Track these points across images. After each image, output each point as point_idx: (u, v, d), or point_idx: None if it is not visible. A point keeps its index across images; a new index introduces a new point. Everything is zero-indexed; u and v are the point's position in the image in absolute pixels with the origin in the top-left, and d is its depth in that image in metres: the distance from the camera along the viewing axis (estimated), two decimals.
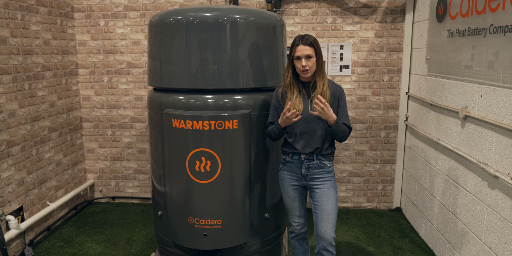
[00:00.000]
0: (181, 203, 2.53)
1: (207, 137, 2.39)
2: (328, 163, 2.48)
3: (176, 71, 2.57)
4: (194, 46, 2.53)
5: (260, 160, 2.66)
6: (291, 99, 2.40)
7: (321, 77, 2.39)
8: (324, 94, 2.39)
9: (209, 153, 2.40)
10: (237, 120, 2.41)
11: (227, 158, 2.43)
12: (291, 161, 2.47)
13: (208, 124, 2.36)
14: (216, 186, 2.45)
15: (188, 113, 2.41)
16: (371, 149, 4.03)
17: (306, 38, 2.34)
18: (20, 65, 3.18)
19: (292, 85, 2.41)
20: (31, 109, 3.32)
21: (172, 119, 2.43)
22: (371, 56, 3.84)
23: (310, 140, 2.42)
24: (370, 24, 3.78)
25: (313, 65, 2.34)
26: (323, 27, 3.81)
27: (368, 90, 3.91)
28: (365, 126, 3.98)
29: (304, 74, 2.35)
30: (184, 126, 2.39)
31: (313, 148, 2.42)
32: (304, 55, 2.31)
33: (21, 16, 3.17)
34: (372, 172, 4.07)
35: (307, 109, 2.38)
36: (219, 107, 2.51)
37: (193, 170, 2.42)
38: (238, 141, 2.45)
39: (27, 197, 3.30)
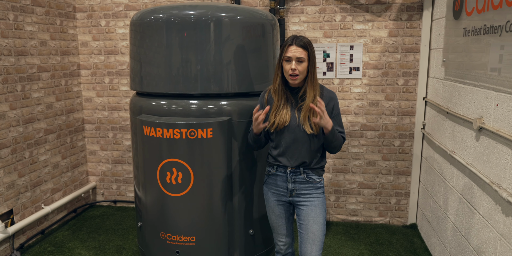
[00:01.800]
0: (153, 217, 2.35)
1: (178, 147, 2.19)
2: (317, 178, 2.22)
3: (154, 74, 2.39)
4: (175, 47, 2.35)
5: (243, 172, 2.43)
6: (278, 107, 2.15)
7: (312, 86, 2.13)
8: (316, 101, 2.13)
9: (180, 164, 2.20)
10: (212, 129, 2.19)
11: (200, 169, 2.22)
12: (276, 174, 2.22)
13: (179, 133, 2.16)
14: (189, 200, 2.25)
15: (160, 120, 2.22)
16: (383, 159, 3.68)
17: (300, 39, 2.09)
18: (12, 66, 3.12)
19: (281, 91, 2.16)
20: (24, 111, 3.27)
21: (143, 126, 2.26)
22: (384, 57, 3.50)
23: (297, 152, 2.17)
24: (383, 22, 3.44)
25: (303, 71, 2.09)
26: (331, 26, 3.51)
27: (380, 94, 3.57)
28: (377, 133, 3.64)
29: (292, 79, 2.10)
30: (154, 134, 2.21)
31: (300, 161, 2.17)
32: (295, 57, 2.06)
33: (14, 16, 3.12)
34: (385, 184, 3.73)
35: (294, 119, 2.14)
36: (195, 114, 2.31)
37: (164, 181, 2.24)
38: (214, 151, 2.24)
39: (18, 200, 3.25)
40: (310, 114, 2.12)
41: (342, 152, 3.72)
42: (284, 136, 2.16)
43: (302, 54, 2.07)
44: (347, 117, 3.64)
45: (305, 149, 2.16)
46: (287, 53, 2.07)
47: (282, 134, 2.16)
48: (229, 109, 2.39)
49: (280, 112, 2.14)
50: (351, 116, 3.64)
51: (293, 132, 2.14)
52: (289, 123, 2.13)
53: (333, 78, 3.59)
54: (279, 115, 2.13)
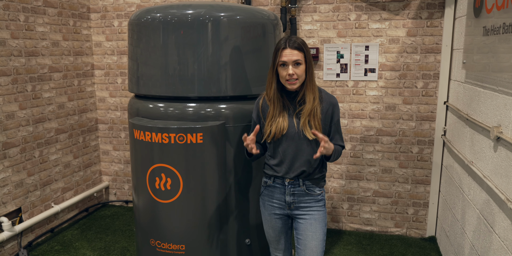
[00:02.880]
0: (144, 222, 2.29)
1: (167, 152, 2.11)
2: (318, 190, 2.08)
3: (150, 76, 2.33)
4: (171, 48, 2.27)
5: (239, 179, 2.32)
6: (274, 115, 2.02)
7: (311, 89, 1.98)
8: (315, 111, 1.99)
9: (169, 170, 2.12)
10: (202, 134, 2.10)
11: (190, 176, 2.13)
12: (273, 185, 2.09)
13: (167, 137, 2.08)
14: (178, 207, 2.16)
15: (150, 123, 2.15)
16: (401, 166, 3.46)
17: (294, 40, 1.94)
18: (22, 67, 3.16)
19: (277, 99, 2.02)
20: (35, 111, 3.31)
21: (133, 130, 2.19)
22: (402, 58, 3.28)
23: (296, 162, 2.03)
24: (402, 21, 3.23)
25: (302, 74, 1.95)
26: (346, 25, 3.33)
27: (398, 98, 3.35)
28: (393, 139, 3.43)
29: (290, 84, 1.96)
30: (144, 138, 2.14)
31: (298, 172, 2.03)
32: (291, 60, 1.92)
33: (25, 17, 3.16)
34: (401, 193, 3.50)
35: (293, 126, 2.00)
36: (192, 118, 2.22)
37: (153, 187, 2.16)
38: (205, 157, 2.14)
39: (27, 198, 3.29)
40: (311, 119, 1.98)
41: (356, 158, 3.53)
42: (282, 144, 2.03)
43: (299, 56, 1.93)
44: (361, 121, 3.45)
45: (304, 157, 2.02)
46: (282, 58, 1.93)
47: (280, 143, 2.03)
48: (228, 113, 2.29)
49: (276, 120, 2.01)
50: (366, 120, 3.44)
51: (292, 140, 2.00)
52: (287, 130, 2.00)
53: (347, 80, 3.41)
54: (275, 124, 2.00)
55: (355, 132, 3.48)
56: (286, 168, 2.03)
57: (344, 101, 3.45)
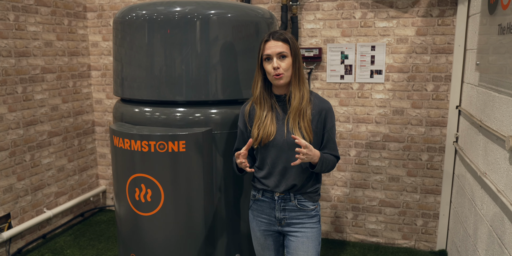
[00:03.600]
0: (124, 235, 2.13)
1: (147, 161, 1.95)
2: (311, 205, 1.89)
3: (133, 79, 2.18)
4: (157, 48, 2.12)
5: (228, 189, 2.15)
6: (260, 117, 1.84)
7: (297, 86, 1.80)
8: (303, 111, 1.80)
9: (149, 180, 1.96)
10: (185, 141, 1.93)
11: (172, 187, 1.97)
12: (262, 199, 1.91)
13: (147, 145, 1.92)
14: (160, 220, 2.00)
15: (129, 130, 1.99)
16: (409, 174, 3.24)
17: (279, 33, 1.78)
18: (12, 68, 3.05)
19: (263, 99, 1.84)
20: (25, 113, 3.20)
21: (113, 136, 2.04)
22: (411, 59, 3.06)
23: (286, 174, 1.84)
24: (410, 19, 3.01)
25: (288, 68, 1.77)
26: (350, 23, 3.12)
27: (406, 101, 3.13)
28: (401, 146, 3.20)
29: (276, 79, 1.78)
30: (123, 145, 1.99)
31: (289, 185, 1.84)
32: (275, 53, 1.75)
33: (14, 16, 3.05)
34: (410, 203, 3.28)
35: (282, 132, 1.81)
36: (179, 123, 2.06)
37: (133, 198, 2.01)
38: (188, 167, 1.97)
39: (17, 204, 3.18)
40: (300, 120, 1.79)
41: (361, 165, 3.32)
42: (269, 153, 1.84)
43: (283, 48, 1.76)
44: (367, 126, 3.24)
45: (295, 169, 1.84)
46: (266, 51, 1.77)
47: (266, 151, 1.85)
48: (217, 118, 2.12)
49: (264, 122, 1.82)
50: (371, 125, 3.23)
51: (280, 150, 1.82)
52: (274, 137, 1.82)
53: (352, 83, 3.20)
54: (262, 127, 1.82)
55: (360, 138, 3.28)
56: (275, 181, 1.85)
57: (349, 104, 3.24)
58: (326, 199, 3.46)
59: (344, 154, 3.34)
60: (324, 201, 3.46)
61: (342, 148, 3.33)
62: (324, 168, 1.82)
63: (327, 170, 1.86)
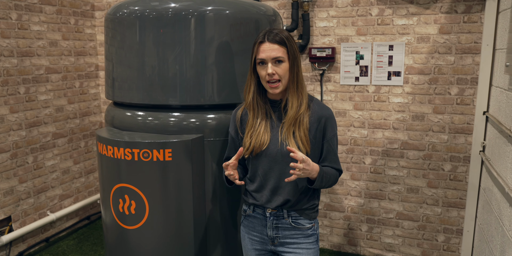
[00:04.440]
0: (110, 247, 1.99)
1: (130, 170, 1.80)
2: (307, 223, 1.69)
3: (123, 82, 2.04)
4: (148, 48, 1.97)
5: (221, 201, 1.97)
6: (254, 125, 1.66)
7: (295, 93, 1.61)
8: (299, 119, 1.61)
9: (132, 191, 1.81)
10: (171, 149, 1.77)
11: (157, 199, 1.81)
12: (253, 215, 1.73)
13: (130, 153, 1.77)
14: (144, 234, 1.85)
15: (113, 137, 1.84)
16: (429, 185, 2.97)
17: (275, 33, 1.59)
18: (14, 68, 2.99)
19: (257, 105, 1.66)
20: (28, 114, 3.13)
21: (97, 142, 1.90)
22: (433, 59, 2.79)
23: (279, 188, 1.65)
24: (433, 16, 2.74)
25: (285, 74, 1.58)
26: (366, 21, 2.88)
27: (427, 106, 2.86)
28: (421, 154, 2.94)
29: (272, 87, 1.59)
30: (106, 153, 1.85)
31: (282, 201, 1.66)
32: (270, 57, 1.56)
33: (17, 15, 2.98)
34: (430, 216, 3.01)
35: (276, 141, 1.63)
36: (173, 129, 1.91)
37: (117, 210, 1.86)
38: (176, 177, 1.81)
39: (18, 207, 3.12)
40: (295, 129, 1.60)
41: (377, 174, 3.07)
42: (261, 164, 1.66)
43: (279, 52, 1.56)
44: (384, 132, 2.99)
45: (290, 183, 1.64)
46: (260, 54, 1.58)
47: (258, 161, 1.67)
48: (213, 124, 1.95)
49: (257, 131, 1.64)
50: (389, 131, 2.98)
51: (274, 161, 1.63)
52: (267, 146, 1.63)
53: (368, 85, 2.96)
54: (255, 135, 1.64)
55: (376, 145, 3.03)
56: (267, 195, 1.66)
57: (364, 108, 3.00)
58: (339, 209, 3.23)
59: (359, 162, 3.10)
60: (337, 211, 3.24)
61: (356, 155, 3.10)
62: (324, 183, 1.62)
63: (328, 186, 1.66)
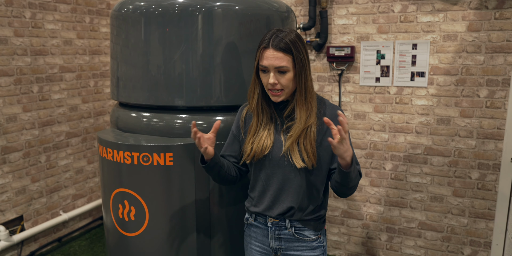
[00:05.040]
0: (111, 253, 1.91)
1: (128, 174, 1.71)
2: (312, 235, 1.57)
3: (127, 81, 1.96)
4: (153, 46, 1.88)
5: (227, 209, 1.86)
6: (257, 130, 1.54)
7: (304, 106, 1.48)
8: (307, 131, 1.48)
9: (132, 197, 1.72)
10: (172, 154, 1.67)
11: (158, 205, 1.72)
12: (255, 224, 1.62)
13: (130, 157, 1.68)
14: (144, 242, 1.76)
15: (114, 139, 1.76)
16: (455, 194, 2.77)
17: (280, 38, 1.44)
18: (28, 67, 2.97)
19: (261, 110, 1.54)
20: (42, 113, 3.11)
21: (98, 145, 1.83)
22: (460, 59, 2.60)
23: (282, 194, 1.54)
24: (461, 12, 2.54)
25: (288, 84, 1.46)
26: (388, 18, 2.71)
27: (453, 109, 2.67)
28: (446, 160, 2.74)
29: (273, 96, 1.48)
30: (106, 155, 1.77)
31: (284, 209, 1.54)
32: (273, 66, 1.44)
33: (31, 14, 2.96)
34: (455, 227, 2.81)
35: (279, 147, 1.51)
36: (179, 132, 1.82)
37: (117, 216, 1.78)
38: (177, 183, 1.71)
39: (30, 206, 3.10)
40: (300, 140, 1.48)
41: (398, 180, 2.89)
42: (264, 169, 1.55)
43: (284, 61, 1.42)
44: (406, 136, 2.81)
45: (293, 189, 1.53)
46: (262, 61, 1.46)
47: (261, 167, 1.55)
48: (222, 126, 1.84)
49: (259, 135, 1.52)
50: (411, 135, 2.80)
51: (276, 165, 1.52)
52: (270, 150, 1.51)
53: (389, 86, 2.79)
54: (257, 140, 1.52)
55: (398, 150, 2.85)
56: (268, 202, 1.55)
57: (385, 111, 2.83)
58: (357, 217, 3.07)
59: (379, 168, 2.93)
60: (355, 219, 3.08)
61: (376, 160, 2.93)
62: (355, 177, 1.43)
63: (354, 183, 1.46)
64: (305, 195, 1.53)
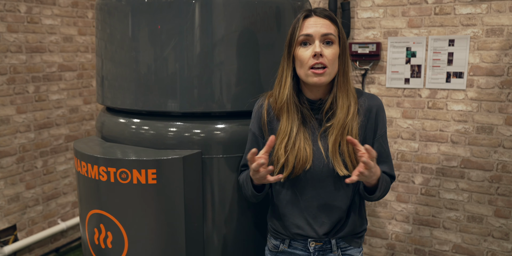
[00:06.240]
0: None
1: (105, 194, 1.43)
2: (358, 252, 1.33)
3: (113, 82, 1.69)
4: (142, 41, 1.60)
5: (226, 235, 1.56)
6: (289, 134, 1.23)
7: (345, 90, 1.22)
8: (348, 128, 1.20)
9: (109, 220, 1.44)
10: (156, 170, 1.38)
11: (139, 231, 1.43)
12: (290, 252, 1.33)
13: (105, 172, 1.40)
14: None
15: (89, 151, 1.48)
16: (497, 215, 2.39)
17: (322, 9, 1.22)
18: (22, 65, 2.76)
19: (293, 105, 1.24)
20: (38, 115, 2.90)
21: (74, 157, 1.56)
22: (506, 57, 2.22)
23: (325, 211, 1.26)
24: (508, 2, 2.17)
25: (334, 60, 1.19)
26: (420, 10, 2.35)
27: (497, 116, 2.29)
28: (487, 175, 2.37)
29: (316, 74, 1.18)
30: (80, 170, 1.49)
31: (330, 226, 1.27)
32: (320, 33, 1.18)
33: (27, 8, 2.74)
34: (497, 253, 2.43)
35: (319, 155, 1.22)
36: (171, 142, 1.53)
37: (93, 242, 1.51)
38: (161, 205, 1.42)
39: (24, 214, 2.89)
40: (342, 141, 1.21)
41: (430, 196, 2.53)
42: (300, 182, 1.26)
43: (331, 28, 1.19)
44: (439, 146, 2.45)
45: (337, 201, 1.26)
46: (304, 30, 1.19)
47: (297, 184, 1.27)
48: (223, 136, 1.55)
49: (295, 144, 1.22)
50: (446, 145, 2.43)
51: (317, 176, 1.24)
52: (312, 163, 1.22)
53: (421, 88, 2.43)
54: (294, 150, 1.22)
55: (430, 161, 2.49)
56: (310, 220, 1.28)
57: (415, 117, 2.47)
58: (381, 236, 2.72)
59: (407, 181, 2.57)
60: (379, 238, 2.73)
61: (404, 172, 2.57)
62: (383, 193, 1.24)
63: (381, 197, 1.27)
64: (349, 207, 1.28)
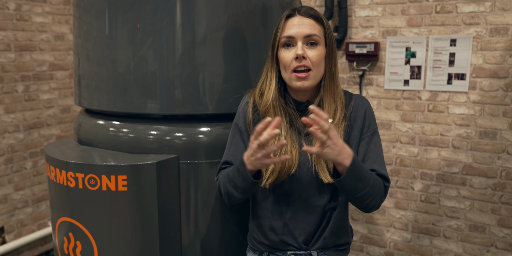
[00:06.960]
0: None
1: (73, 201, 1.35)
2: None
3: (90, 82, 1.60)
4: (120, 38, 1.52)
5: (203, 247, 1.47)
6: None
7: (332, 93, 1.14)
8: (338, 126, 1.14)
9: (77, 228, 1.35)
10: (126, 176, 1.29)
11: (109, 240, 1.34)
12: None
13: (73, 178, 1.31)
14: None
15: (58, 155, 1.40)
16: (501, 224, 2.27)
17: (309, 8, 1.14)
18: (11, 63, 2.69)
19: (278, 107, 1.16)
20: (27, 115, 2.83)
21: (45, 162, 1.48)
22: (511, 58, 2.09)
23: (306, 217, 1.18)
24: None
25: (319, 62, 1.11)
26: (421, 8, 2.24)
27: (501, 119, 2.16)
28: (490, 182, 2.24)
29: (299, 78, 1.10)
30: (50, 175, 1.41)
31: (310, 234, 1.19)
32: (302, 35, 1.10)
33: (16, 5, 2.68)
34: None
35: (305, 159, 1.15)
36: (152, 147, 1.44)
37: (63, 251, 1.43)
38: (134, 214, 1.33)
39: (13, 217, 2.83)
40: None
41: (430, 203, 2.41)
42: (283, 186, 1.17)
43: (315, 29, 1.10)
44: (440, 151, 2.33)
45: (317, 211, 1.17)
46: (287, 31, 1.11)
47: (280, 189, 1.19)
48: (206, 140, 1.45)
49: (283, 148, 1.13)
50: (447, 150, 2.31)
51: (301, 180, 1.15)
52: (297, 167, 1.14)
53: (421, 90, 2.32)
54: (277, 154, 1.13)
55: (430, 167, 2.37)
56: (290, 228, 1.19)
57: (415, 120, 2.36)
58: (379, 243, 2.60)
59: (406, 187, 2.46)
60: (376, 246, 2.62)
61: (402, 178, 2.46)
62: (360, 184, 1.06)
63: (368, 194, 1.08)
64: (332, 216, 1.19)
